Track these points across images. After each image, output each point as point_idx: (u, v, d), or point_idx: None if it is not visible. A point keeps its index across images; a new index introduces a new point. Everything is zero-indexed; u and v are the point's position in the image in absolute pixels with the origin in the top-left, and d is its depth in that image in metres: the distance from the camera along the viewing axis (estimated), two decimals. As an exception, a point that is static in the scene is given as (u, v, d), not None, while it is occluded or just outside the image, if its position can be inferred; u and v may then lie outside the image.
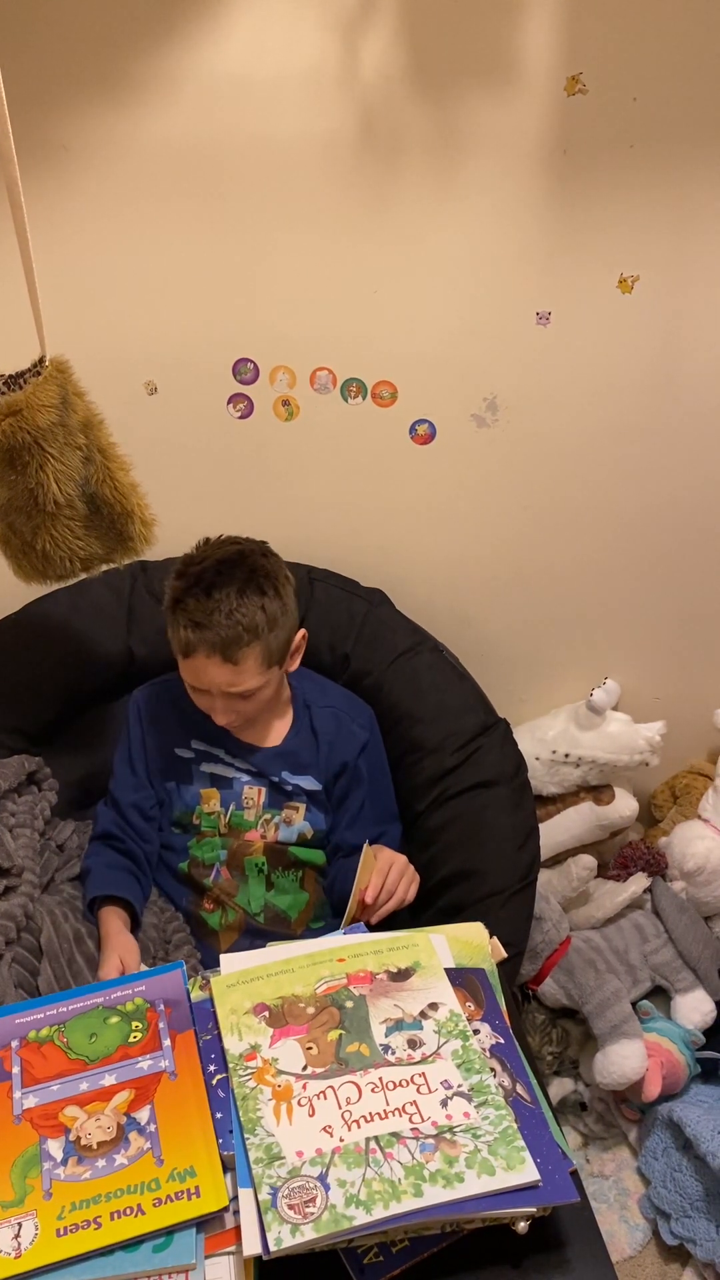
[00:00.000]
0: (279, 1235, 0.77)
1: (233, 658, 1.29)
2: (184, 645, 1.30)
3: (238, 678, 1.31)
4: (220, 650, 1.28)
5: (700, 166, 1.48)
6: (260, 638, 1.30)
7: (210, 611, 1.28)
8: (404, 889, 1.29)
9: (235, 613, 1.28)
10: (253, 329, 1.62)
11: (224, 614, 1.27)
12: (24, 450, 1.16)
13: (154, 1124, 0.86)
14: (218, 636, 1.27)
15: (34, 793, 1.48)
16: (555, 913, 1.74)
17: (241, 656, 1.29)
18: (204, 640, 1.28)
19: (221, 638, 1.27)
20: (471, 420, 1.68)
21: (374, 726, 1.55)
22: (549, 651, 1.92)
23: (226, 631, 1.27)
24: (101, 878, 1.40)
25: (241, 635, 1.28)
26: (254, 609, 1.29)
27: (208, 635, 1.28)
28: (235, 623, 1.27)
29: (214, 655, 1.29)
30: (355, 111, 1.46)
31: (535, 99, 1.44)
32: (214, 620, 1.27)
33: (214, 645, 1.28)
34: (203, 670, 1.31)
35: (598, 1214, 1.46)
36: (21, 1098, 0.89)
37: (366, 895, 1.25)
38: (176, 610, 1.31)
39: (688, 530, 1.78)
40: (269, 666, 1.34)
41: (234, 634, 1.28)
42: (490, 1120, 0.85)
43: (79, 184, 1.50)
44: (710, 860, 1.75)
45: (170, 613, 1.33)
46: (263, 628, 1.30)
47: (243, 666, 1.30)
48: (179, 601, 1.31)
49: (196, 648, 1.29)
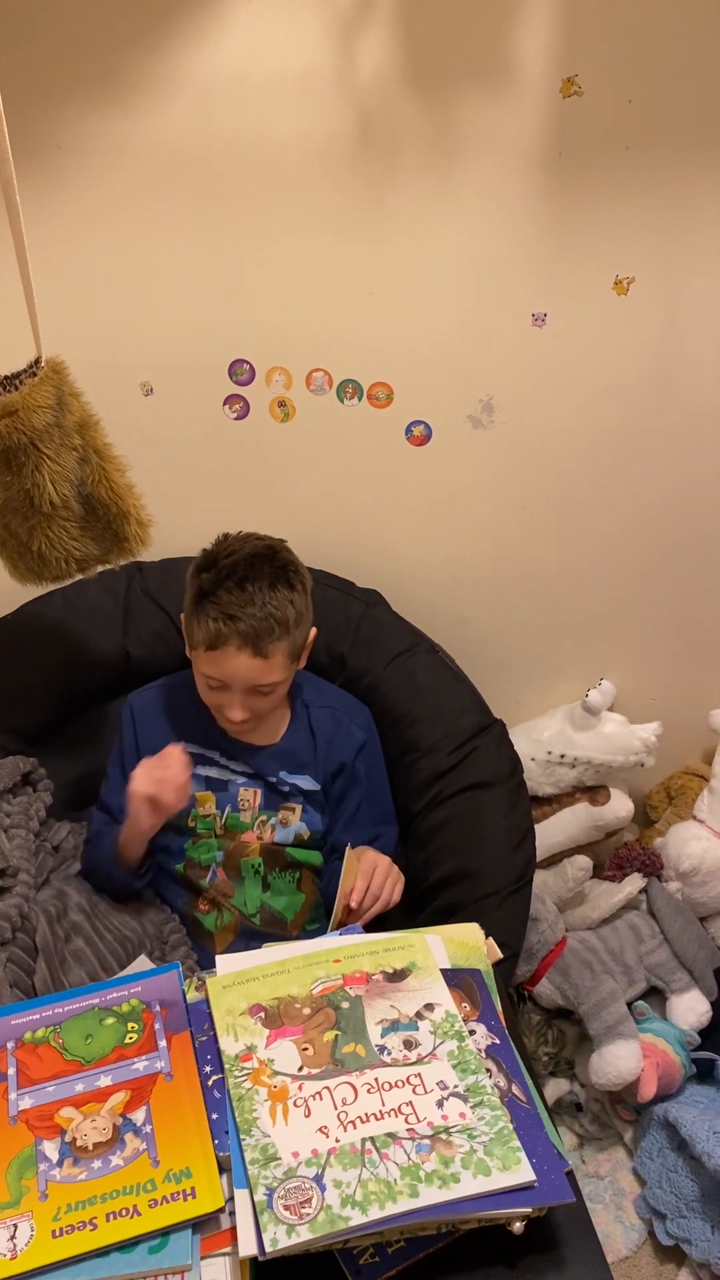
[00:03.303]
0: (275, 1236, 0.77)
1: (263, 651, 1.29)
2: (212, 637, 1.29)
3: (265, 672, 1.31)
4: (252, 643, 1.28)
5: (695, 168, 1.48)
6: (289, 632, 1.31)
7: (244, 604, 1.28)
8: (389, 891, 1.29)
9: (268, 605, 1.28)
10: (249, 330, 1.62)
11: (258, 606, 1.28)
12: (20, 451, 1.16)
13: (150, 1125, 0.86)
14: (251, 629, 1.27)
15: (29, 793, 1.48)
16: (551, 913, 1.74)
17: (271, 650, 1.29)
18: (236, 632, 1.28)
19: (254, 630, 1.28)
20: (467, 421, 1.68)
21: (372, 728, 1.55)
22: (545, 652, 1.92)
23: (259, 624, 1.28)
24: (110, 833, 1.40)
25: (273, 628, 1.28)
26: (285, 603, 1.30)
27: (240, 627, 1.27)
28: (268, 615, 1.28)
29: (245, 648, 1.28)
30: (351, 113, 1.46)
31: (531, 101, 1.44)
32: (248, 612, 1.27)
33: (246, 637, 1.28)
34: (229, 663, 1.30)
35: (593, 1214, 1.45)
36: (17, 1099, 0.89)
37: (351, 899, 1.25)
38: (205, 602, 1.30)
39: (683, 531, 1.78)
40: (292, 661, 1.35)
41: (266, 626, 1.28)
42: (486, 1121, 0.85)
43: (75, 184, 1.50)
44: (705, 861, 1.75)
45: (196, 605, 1.31)
46: (291, 622, 1.31)
47: (272, 660, 1.30)
48: (208, 594, 1.30)
49: (228, 640, 1.28)
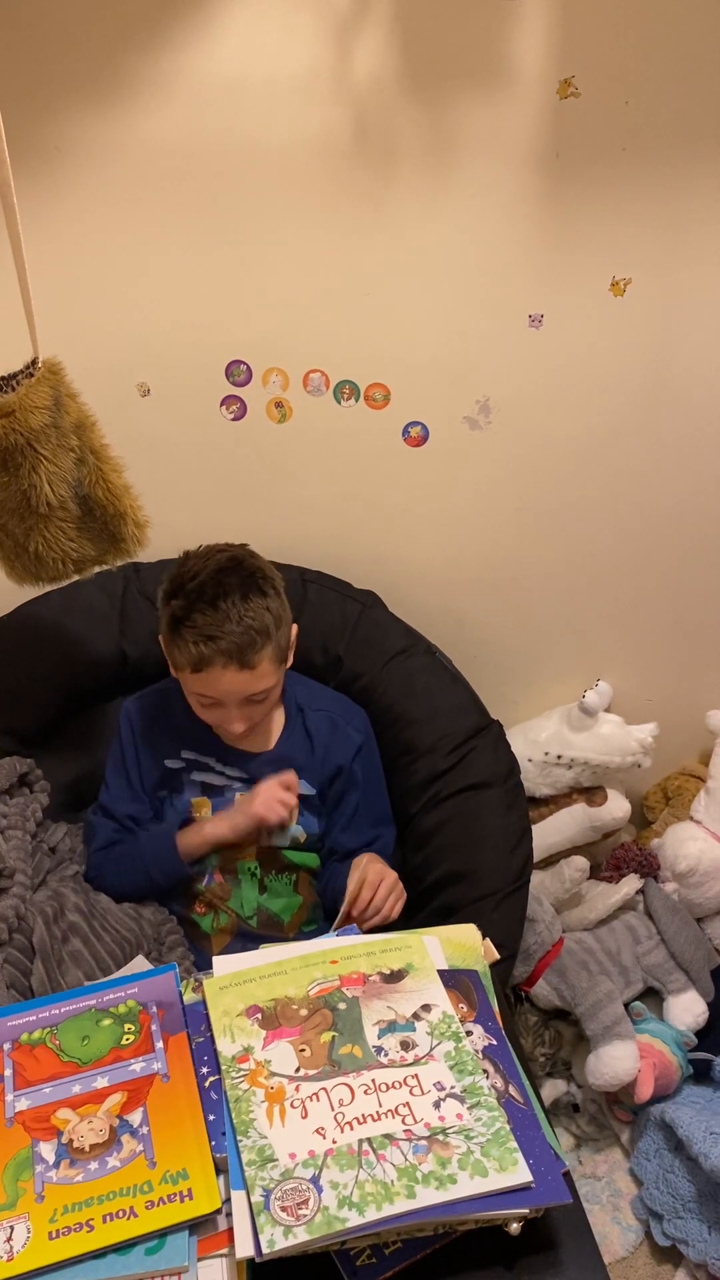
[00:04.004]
0: (272, 1237, 0.77)
1: (249, 663, 1.28)
2: (196, 660, 1.28)
3: (255, 681, 1.30)
4: (237, 658, 1.27)
5: (692, 169, 1.48)
6: (271, 638, 1.30)
7: (221, 622, 1.26)
8: (390, 907, 1.29)
9: (245, 618, 1.27)
10: (246, 331, 1.62)
11: (235, 621, 1.27)
12: (16, 452, 1.16)
13: (146, 1126, 0.86)
14: (233, 645, 1.26)
15: (26, 794, 1.48)
16: (548, 914, 1.74)
17: (257, 660, 1.29)
18: (219, 651, 1.27)
19: (237, 645, 1.26)
20: (464, 422, 1.68)
21: (368, 730, 1.55)
22: (541, 653, 1.92)
23: (240, 638, 1.26)
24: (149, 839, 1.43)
25: (255, 639, 1.27)
26: (260, 611, 1.29)
27: (223, 645, 1.26)
28: (247, 628, 1.27)
29: (230, 664, 1.28)
30: (348, 114, 1.46)
31: (528, 102, 1.44)
32: (226, 630, 1.26)
33: (230, 654, 1.27)
34: (219, 682, 1.29)
35: (590, 1215, 1.46)
36: (14, 1100, 0.89)
37: (354, 909, 1.26)
38: (182, 628, 1.28)
39: (680, 532, 1.78)
40: (279, 664, 1.35)
41: (248, 639, 1.27)
42: (483, 1122, 0.85)
43: (71, 185, 1.50)
44: (702, 861, 1.76)
45: (173, 632, 1.30)
46: (271, 628, 1.30)
47: (259, 670, 1.30)
48: (182, 620, 1.28)
49: (212, 660, 1.27)
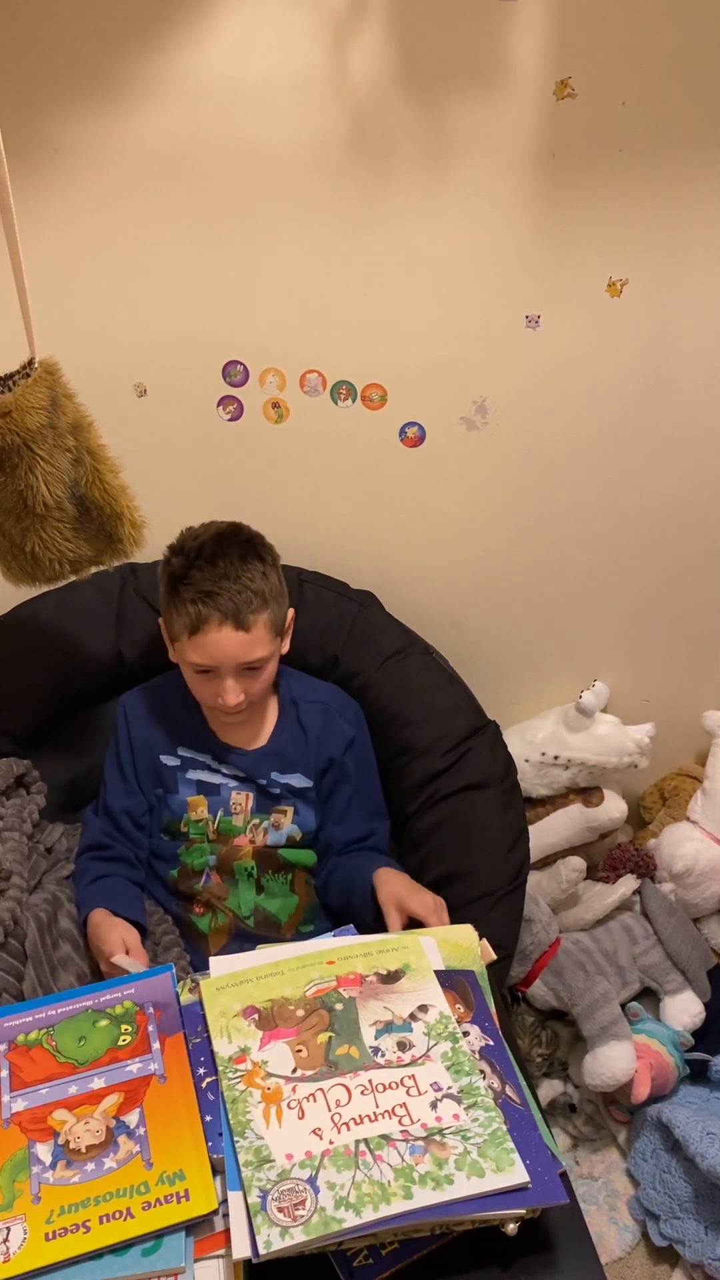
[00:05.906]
0: (268, 1238, 0.77)
1: (245, 624, 1.29)
2: (193, 620, 1.29)
3: (251, 646, 1.31)
4: (233, 617, 1.28)
5: (689, 170, 1.48)
6: (267, 603, 1.31)
7: (219, 579, 1.28)
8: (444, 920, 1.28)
9: (242, 578, 1.29)
10: (243, 331, 1.62)
11: (232, 580, 1.29)
12: (13, 452, 1.15)
13: (143, 1127, 0.86)
14: (230, 603, 1.28)
15: (22, 795, 1.47)
16: (545, 914, 1.74)
17: (253, 622, 1.30)
18: (216, 609, 1.28)
19: (234, 603, 1.28)
20: (461, 423, 1.69)
21: (361, 723, 1.55)
22: (538, 654, 1.92)
23: (237, 597, 1.28)
24: (108, 894, 1.37)
25: (251, 599, 1.29)
26: (257, 574, 1.31)
27: (220, 603, 1.28)
28: (244, 587, 1.29)
29: (226, 623, 1.29)
30: (345, 114, 1.46)
31: (525, 103, 1.44)
32: (223, 586, 1.28)
33: (226, 612, 1.28)
34: (215, 644, 1.30)
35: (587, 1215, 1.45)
36: (10, 1101, 0.89)
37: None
38: (181, 586, 1.30)
39: (677, 532, 1.78)
40: (275, 636, 1.35)
41: (244, 599, 1.29)
42: (480, 1122, 0.85)
43: (69, 185, 1.50)
44: (699, 862, 1.76)
45: (172, 592, 1.32)
46: (268, 593, 1.31)
47: (255, 634, 1.30)
48: (181, 578, 1.30)
49: (208, 619, 1.28)
